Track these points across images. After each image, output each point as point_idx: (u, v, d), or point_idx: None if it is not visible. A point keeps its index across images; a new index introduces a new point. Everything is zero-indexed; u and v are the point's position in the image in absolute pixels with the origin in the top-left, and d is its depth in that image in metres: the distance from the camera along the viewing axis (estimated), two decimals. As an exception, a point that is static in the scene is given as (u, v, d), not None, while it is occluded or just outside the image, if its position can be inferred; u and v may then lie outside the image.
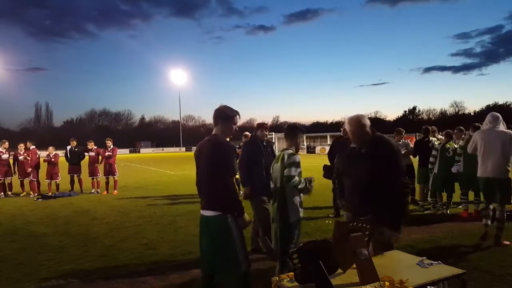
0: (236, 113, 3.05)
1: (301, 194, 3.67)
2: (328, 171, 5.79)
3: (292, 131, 3.78)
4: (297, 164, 3.60)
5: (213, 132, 3.02)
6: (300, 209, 3.65)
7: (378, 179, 2.90)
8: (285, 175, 3.56)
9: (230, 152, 2.94)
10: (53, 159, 11.69)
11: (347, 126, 3.11)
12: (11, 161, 11.72)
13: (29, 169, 11.52)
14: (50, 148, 11.96)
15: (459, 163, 6.90)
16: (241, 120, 3.18)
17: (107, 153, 11.63)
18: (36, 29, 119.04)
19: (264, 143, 5.02)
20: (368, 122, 3.04)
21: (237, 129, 3.11)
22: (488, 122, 5.16)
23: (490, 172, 4.99)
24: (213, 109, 3.05)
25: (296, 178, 3.56)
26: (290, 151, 3.69)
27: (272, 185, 3.86)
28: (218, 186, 2.82)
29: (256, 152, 4.89)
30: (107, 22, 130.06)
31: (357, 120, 3.02)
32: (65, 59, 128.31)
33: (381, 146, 2.99)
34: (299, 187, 3.59)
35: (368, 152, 2.98)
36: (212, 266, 2.88)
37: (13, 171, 11.65)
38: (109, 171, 11.59)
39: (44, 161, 11.68)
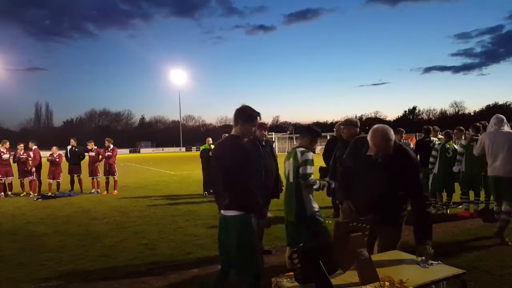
0: (258, 114, 3.02)
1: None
2: (324, 173, 5.77)
3: (307, 131, 3.88)
4: (311, 162, 3.71)
5: (232, 132, 3.01)
6: (314, 202, 3.77)
7: (394, 190, 2.93)
8: (302, 173, 3.64)
9: (250, 154, 2.94)
10: (57, 159, 11.72)
11: (371, 136, 2.97)
12: (11, 160, 11.75)
13: (33, 169, 11.56)
14: (54, 148, 12.02)
15: (460, 163, 6.92)
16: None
17: (107, 153, 11.64)
18: (36, 29, 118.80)
19: (263, 143, 5.01)
20: (393, 137, 2.95)
21: (256, 130, 3.09)
22: (494, 124, 5.35)
23: (498, 171, 5.14)
24: (213, 109, 3.11)
25: (312, 176, 3.66)
26: (302, 149, 3.77)
27: (284, 181, 3.97)
28: (240, 188, 2.82)
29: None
30: (107, 22, 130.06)
31: (383, 133, 2.91)
32: (65, 59, 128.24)
33: (401, 158, 2.96)
34: (314, 187, 3.66)
35: (387, 163, 2.94)
36: (230, 264, 2.96)
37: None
38: (109, 171, 11.59)
39: (48, 160, 11.69)
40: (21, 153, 11.68)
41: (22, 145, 11.86)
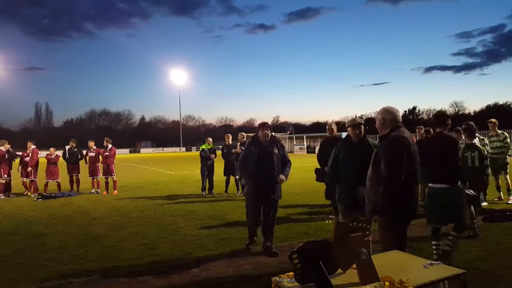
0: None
1: None
2: (320, 175, 5.72)
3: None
4: None
5: (439, 130, 4.36)
6: None
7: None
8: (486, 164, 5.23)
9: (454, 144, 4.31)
10: (55, 159, 11.79)
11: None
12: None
13: (29, 169, 11.56)
14: (52, 149, 12.05)
15: None
16: (240, 120, 3.30)
17: (105, 153, 11.65)
18: (34, 28, 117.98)
19: (264, 144, 4.98)
20: (390, 116, 3.28)
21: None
22: None
23: None
24: (213, 109, 3.21)
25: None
26: (481, 147, 5.20)
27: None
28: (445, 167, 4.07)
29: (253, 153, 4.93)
30: (105, 21, 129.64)
31: (381, 111, 3.31)
32: (64, 59, 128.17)
33: (387, 140, 3.16)
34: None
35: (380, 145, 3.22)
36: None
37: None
38: (107, 171, 11.58)
39: (46, 158, 11.71)
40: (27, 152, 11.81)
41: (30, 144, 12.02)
